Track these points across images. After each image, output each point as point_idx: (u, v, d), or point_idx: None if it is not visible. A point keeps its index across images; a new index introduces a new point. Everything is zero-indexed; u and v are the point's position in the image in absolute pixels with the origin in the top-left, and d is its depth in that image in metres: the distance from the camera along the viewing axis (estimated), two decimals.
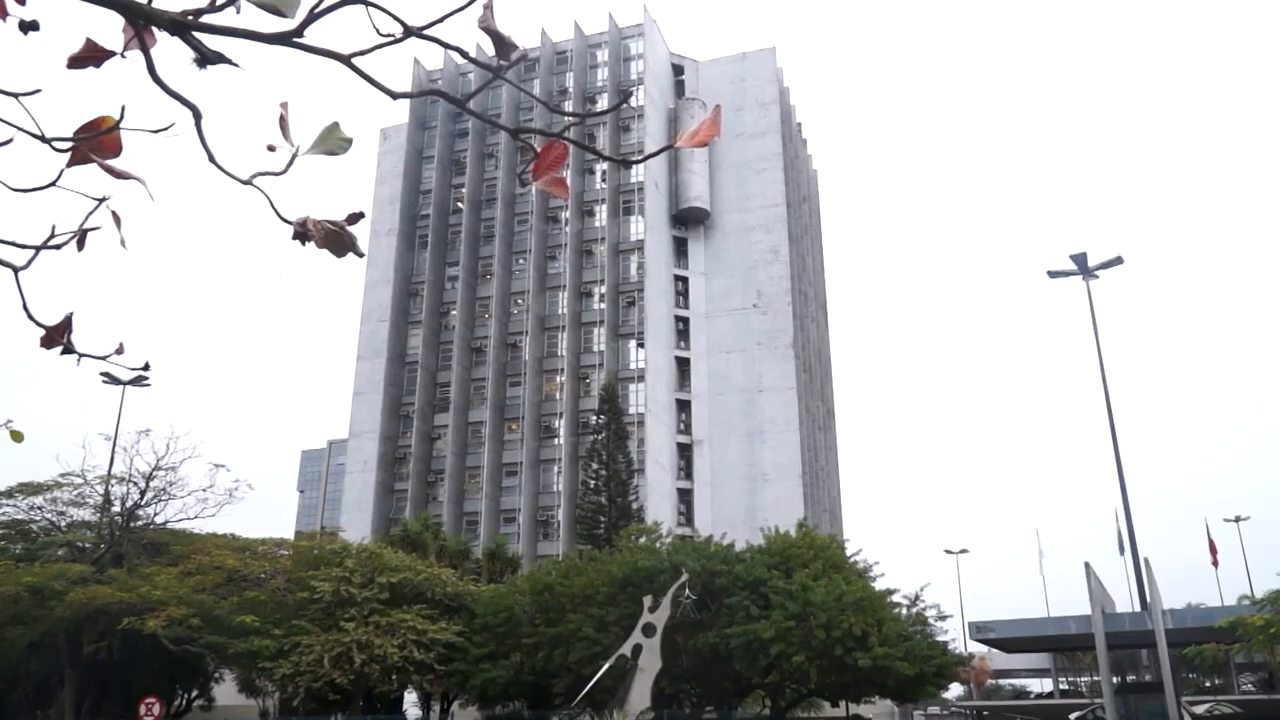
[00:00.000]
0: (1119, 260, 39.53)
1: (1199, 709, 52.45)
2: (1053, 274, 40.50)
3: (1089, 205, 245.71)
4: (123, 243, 2.15)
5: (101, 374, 41.55)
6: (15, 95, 2.03)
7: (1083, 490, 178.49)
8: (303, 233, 2.06)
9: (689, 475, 71.93)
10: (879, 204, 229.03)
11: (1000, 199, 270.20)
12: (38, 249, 2.24)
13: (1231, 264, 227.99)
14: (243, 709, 42.50)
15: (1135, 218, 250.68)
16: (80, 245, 2.21)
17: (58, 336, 2.27)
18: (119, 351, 2.44)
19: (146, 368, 2.57)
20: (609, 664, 29.68)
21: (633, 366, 70.98)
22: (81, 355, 2.38)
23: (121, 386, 41.06)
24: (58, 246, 2.23)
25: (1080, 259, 39.86)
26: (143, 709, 26.90)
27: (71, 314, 2.30)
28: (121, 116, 2.01)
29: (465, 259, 76.09)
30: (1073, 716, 59.76)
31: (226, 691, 43.06)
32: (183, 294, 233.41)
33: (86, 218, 2.15)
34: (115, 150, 2.02)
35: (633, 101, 77.09)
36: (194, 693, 43.51)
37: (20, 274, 2.25)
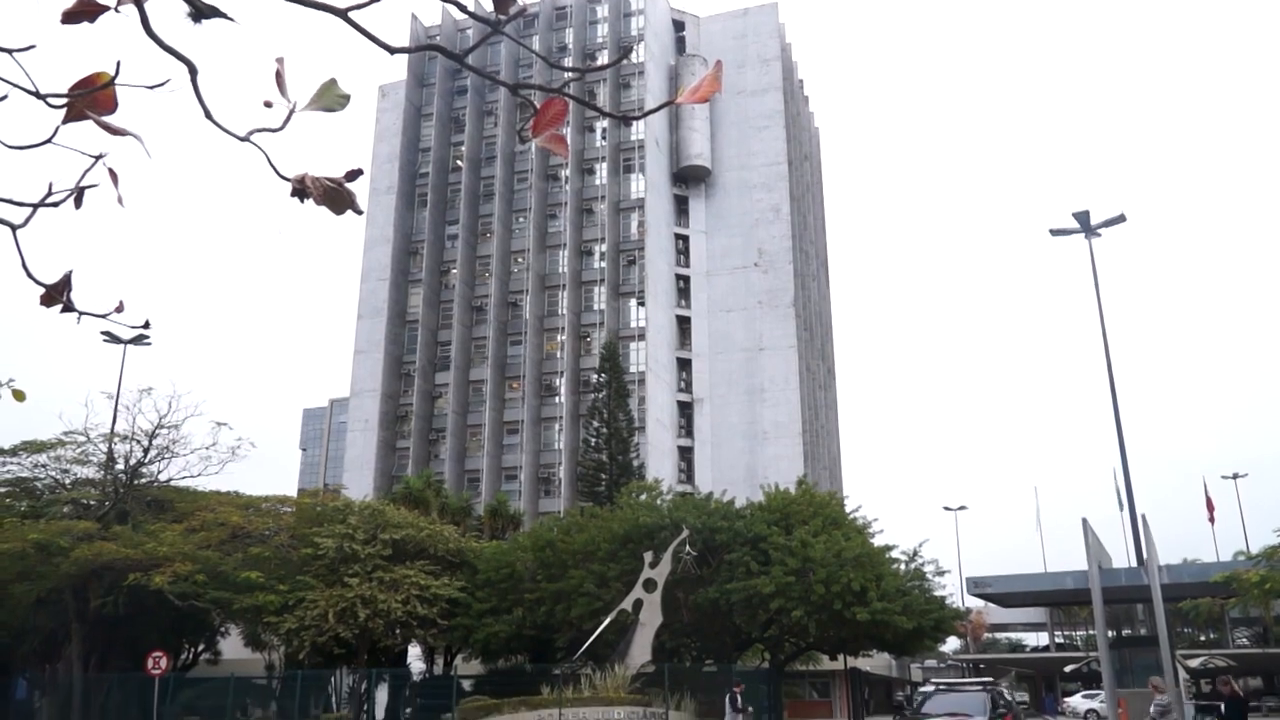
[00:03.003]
0: (1122, 218, 39.35)
1: (1193, 663, 53.17)
2: (1055, 232, 40.33)
3: (1093, 163, 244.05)
4: (120, 200, 2.14)
5: (103, 333, 41.59)
6: (9, 51, 2.01)
7: (1081, 449, 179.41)
8: (301, 190, 2.06)
9: (689, 433, 72.23)
10: (881, 161, 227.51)
11: (1003, 156, 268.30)
12: (35, 206, 2.23)
13: (1233, 223, 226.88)
14: (249, 662, 43.05)
15: (1140, 175, 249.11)
16: (78, 203, 2.20)
17: (57, 295, 2.27)
18: (119, 310, 2.44)
19: (147, 326, 2.58)
20: (610, 619, 30.05)
21: (633, 325, 70.95)
22: (82, 314, 2.38)
23: (122, 345, 41.10)
24: (55, 204, 2.22)
25: (1083, 217, 39.67)
26: (150, 662, 27.26)
27: (71, 272, 2.29)
28: (117, 72, 1.99)
29: (465, 217, 75.76)
30: (1068, 669, 60.69)
31: (232, 645, 43.60)
32: (182, 252, 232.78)
33: (83, 175, 2.14)
34: (111, 106, 2.01)
35: (633, 58, 76.29)
36: (200, 647, 44.04)
37: (18, 232, 2.24)
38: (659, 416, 68.63)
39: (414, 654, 40.86)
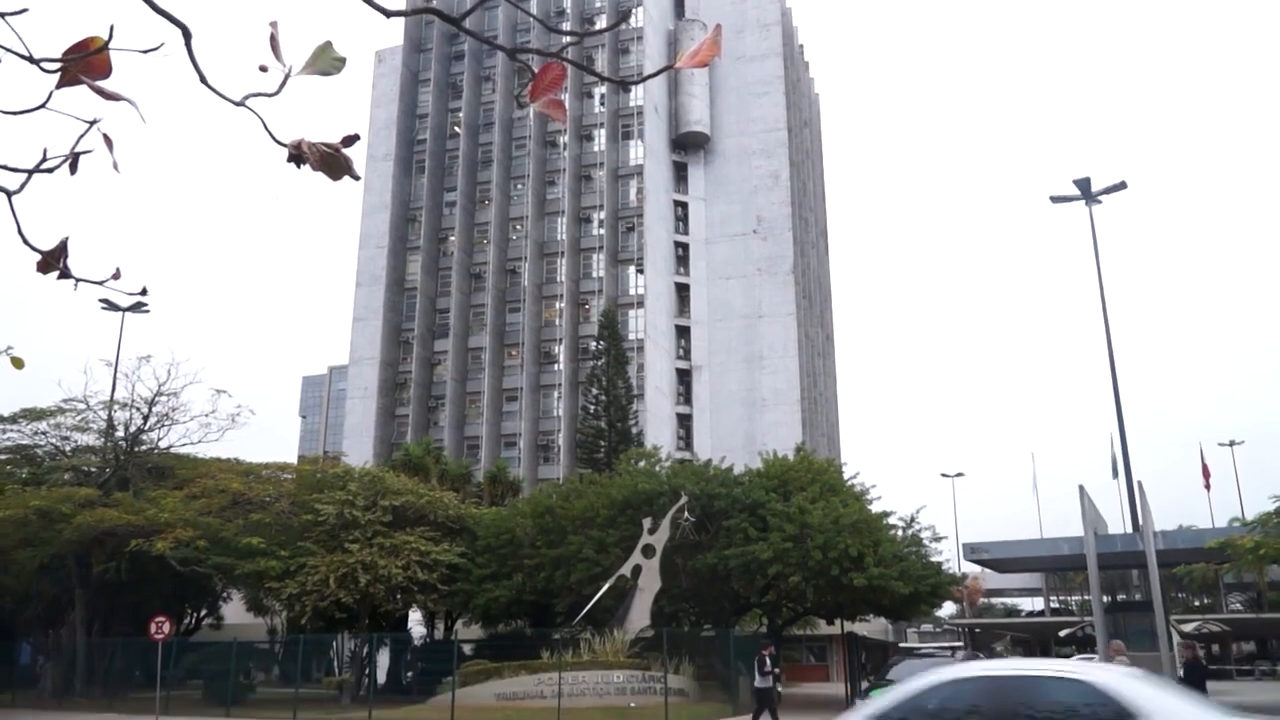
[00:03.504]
0: (1122, 185, 39.17)
1: (1187, 627, 53.73)
2: (1055, 199, 40.16)
3: (1095, 129, 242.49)
4: (115, 166, 2.13)
5: (101, 300, 41.54)
6: (1, 15, 1.99)
7: (1079, 417, 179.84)
8: (297, 155, 2.05)
9: (688, 400, 72.35)
10: (881, 128, 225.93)
11: (1004, 123, 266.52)
12: (30, 172, 2.22)
13: (1232, 190, 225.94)
14: (251, 627, 43.47)
15: (1141, 143, 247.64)
16: (73, 169, 2.19)
17: (54, 261, 2.27)
18: (116, 276, 2.44)
19: (144, 292, 2.57)
20: (609, 584, 30.29)
21: (632, 292, 70.83)
22: (79, 280, 2.37)
23: (121, 313, 41.06)
24: (50, 170, 2.21)
25: (1083, 184, 39.48)
26: (153, 627, 27.47)
27: (67, 238, 2.29)
28: (110, 36, 1.97)
29: (463, 184, 75.37)
30: (1063, 634, 61.28)
31: (235, 610, 43.99)
32: (179, 219, 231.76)
33: (78, 140, 2.13)
34: (105, 71, 2.00)
35: (631, 22, 75.56)
36: (203, 612, 44.44)
37: (14, 198, 2.24)
38: (658, 384, 68.72)
39: (415, 619, 41.22)
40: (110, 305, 40.36)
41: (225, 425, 37.40)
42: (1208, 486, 61.79)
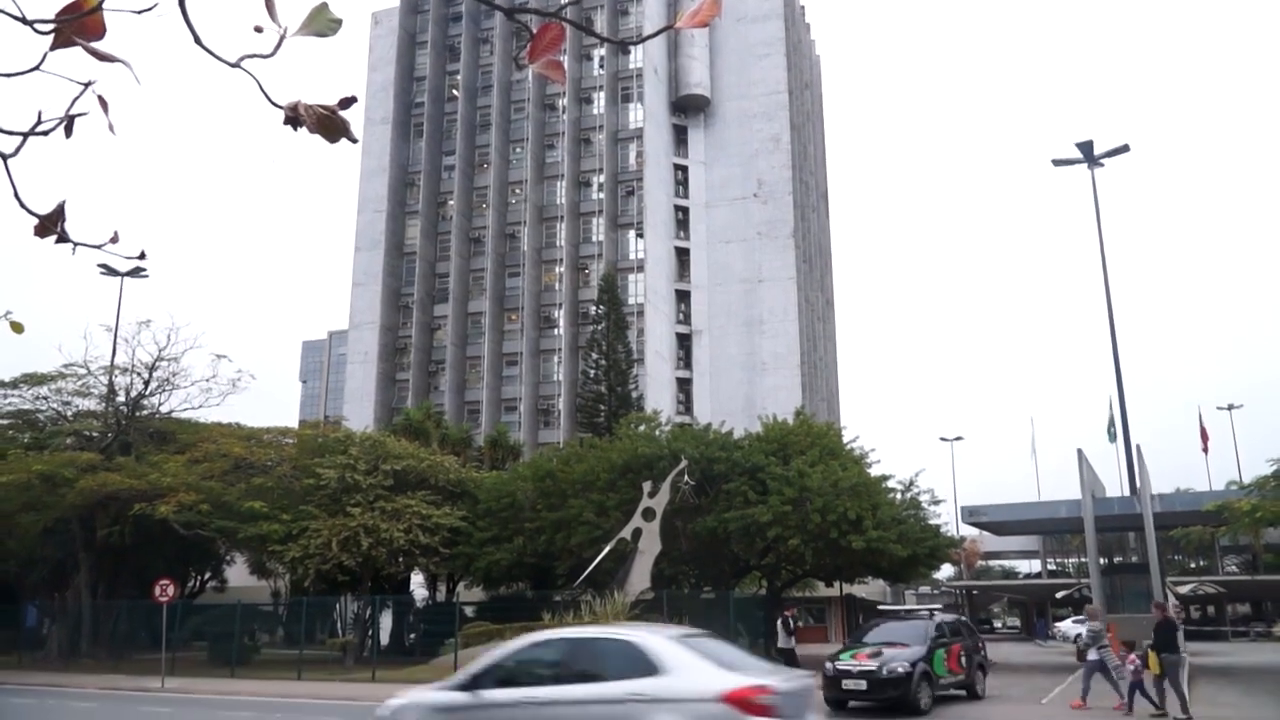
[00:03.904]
0: (1125, 148, 38.90)
1: (1183, 589, 54.22)
2: (1057, 162, 39.92)
3: (1097, 92, 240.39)
4: (111, 128, 2.11)
5: (99, 265, 41.45)
6: None
7: (1079, 381, 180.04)
8: (294, 118, 2.03)
9: (688, 365, 72.43)
10: (883, 90, 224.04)
11: (1007, 84, 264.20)
12: (25, 135, 2.21)
13: (1232, 153, 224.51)
14: (255, 590, 43.86)
15: (1144, 105, 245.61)
16: (68, 131, 2.18)
17: (51, 225, 2.26)
18: (114, 240, 2.44)
19: (142, 256, 2.57)
20: (610, 547, 30.50)
21: (632, 257, 70.64)
22: (76, 244, 2.37)
23: (119, 278, 40.98)
24: (45, 133, 2.19)
25: (1086, 147, 39.22)
26: (157, 590, 27.70)
27: (64, 202, 2.28)
28: None
29: (462, 148, 74.88)
30: (1059, 595, 61.84)
31: (238, 573, 44.37)
32: (176, 183, 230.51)
33: (73, 103, 2.12)
34: (99, 32, 1.98)
35: None
36: (207, 575, 44.81)
37: (9, 161, 2.22)
38: (657, 348, 68.75)
39: (417, 581, 41.56)
40: (109, 270, 40.28)
41: (226, 390, 37.50)
42: (1206, 450, 62.04)
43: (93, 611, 36.52)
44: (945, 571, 70.60)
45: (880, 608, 18.64)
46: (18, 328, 3.29)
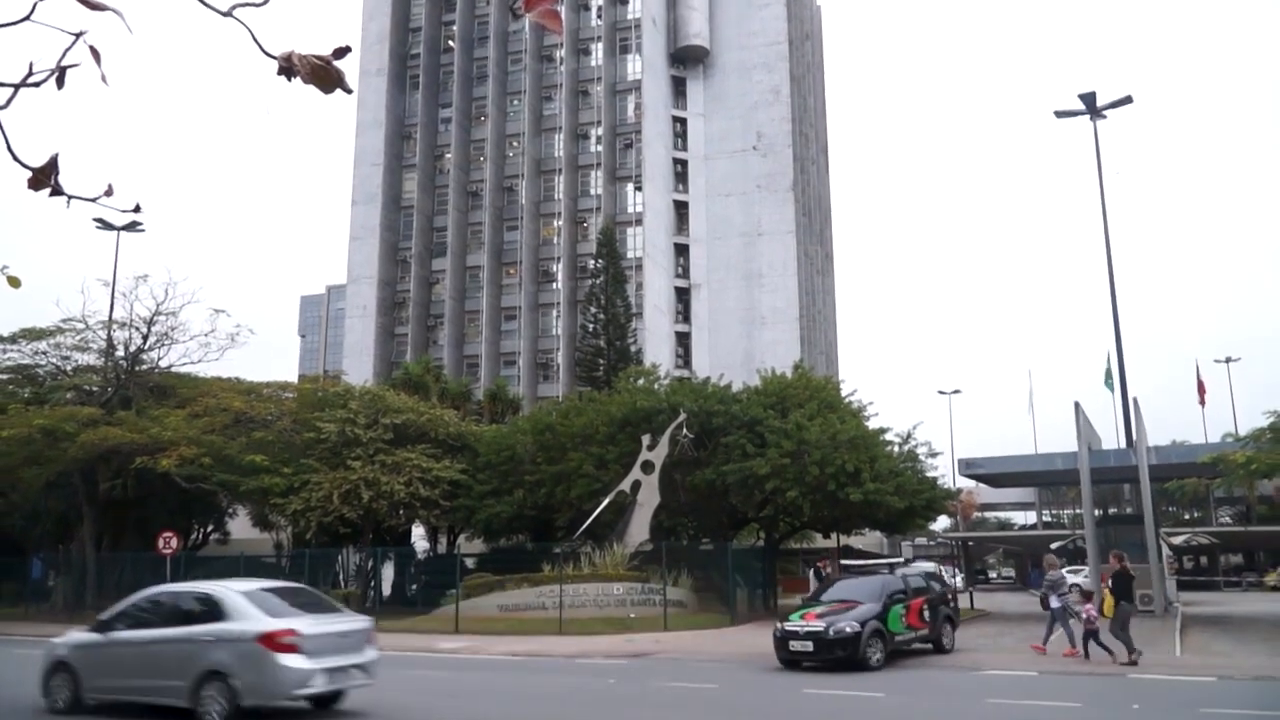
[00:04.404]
0: (1128, 100, 38.51)
1: (1176, 539, 54.73)
2: (1060, 114, 39.54)
3: (1100, 43, 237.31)
4: (104, 79, 2.11)
5: (95, 219, 41.21)
6: None
7: (1077, 336, 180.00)
8: (288, 68, 2.03)
9: (687, 319, 72.40)
10: (883, 41, 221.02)
11: (1009, 35, 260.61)
12: (16, 87, 2.20)
13: (1236, 104, 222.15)
14: (257, 542, 44.20)
15: (1146, 56, 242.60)
16: (59, 83, 2.17)
17: (45, 178, 2.26)
18: (108, 193, 2.44)
19: (137, 209, 2.57)
20: (609, 499, 30.75)
21: (630, 210, 70.27)
22: (71, 197, 2.37)
23: (115, 232, 40.77)
24: (37, 84, 2.19)
25: (1089, 98, 38.83)
26: (160, 542, 27.97)
27: (57, 155, 2.28)
28: None
29: (458, 100, 74.07)
30: (1054, 546, 62.42)
31: (241, 526, 44.71)
32: (170, 136, 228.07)
33: (64, 53, 2.11)
34: None
35: None
36: (209, 527, 45.17)
37: (1, 114, 2.22)
38: (656, 302, 68.66)
39: (418, 534, 41.91)
40: (105, 224, 40.06)
41: (225, 345, 37.49)
42: (1202, 403, 62.22)
43: (97, 564, 36.88)
44: (942, 523, 71.15)
45: (844, 564, 18.34)
46: (15, 282, 3.29)
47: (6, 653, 23.33)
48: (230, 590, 12.44)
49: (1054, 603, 19.30)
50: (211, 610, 12.06)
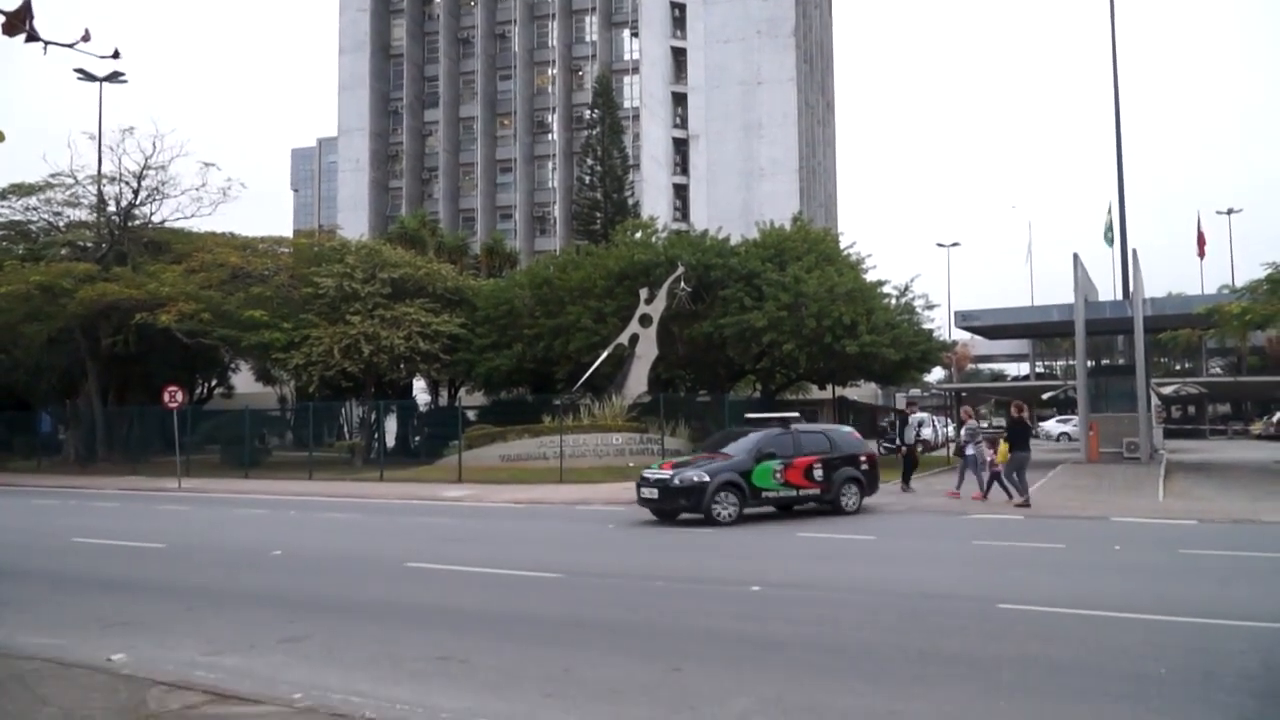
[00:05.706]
0: None
1: (1166, 389, 55.54)
2: None
3: None
4: None
5: (76, 70, 40.00)
6: None
7: (1078, 188, 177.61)
8: None
9: (685, 170, 71.29)
10: None
11: None
12: None
13: None
14: (261, 396, 44.88)
15: None
16: None
17: (19, 22, 2.21)
18: (85, 39, 2.38)
19: (116, 55, 2.52)
20: (608, 352, 31.05)
21: (627, 58, 68.16)
22: (47, 43, 2.32)
23: (98, 83, 39.63)
24: None
25: None
26: (166, 396, 28.37)
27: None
28: None
29: None
30: (1045, 396, 63.45)
31: (244, 380, 45.29)
32: None
33: None
34: None
35: None
36: (213, 382, 45.75)
37: None
38: (654, 153, 67.47)
39: (419, 387, 42.48)
40: (87, 75, 38.90)
41: (217, 199, 37.01)
42: (1201, 255, 62.02)
43: (105, 418, 37.52)
44: (936, 374, 72.02)
45: (748, 416, 17.88)
46: None
47: (29, 503, 24.01)
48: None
49: (970, 450, 20.71)
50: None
